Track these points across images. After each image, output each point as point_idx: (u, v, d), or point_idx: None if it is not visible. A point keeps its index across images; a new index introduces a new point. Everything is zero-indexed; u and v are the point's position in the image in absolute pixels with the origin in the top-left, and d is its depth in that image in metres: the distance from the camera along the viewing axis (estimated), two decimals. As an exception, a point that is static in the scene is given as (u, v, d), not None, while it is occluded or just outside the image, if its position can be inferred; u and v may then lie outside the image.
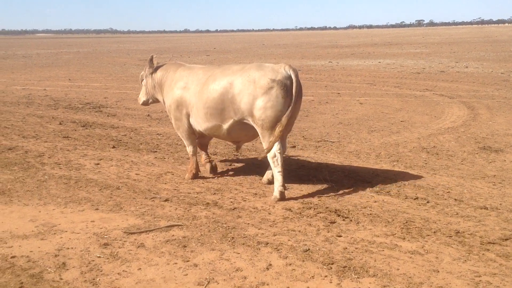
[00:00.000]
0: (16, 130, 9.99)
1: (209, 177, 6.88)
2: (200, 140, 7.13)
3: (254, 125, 6.09)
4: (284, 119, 5.84)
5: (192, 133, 6.81)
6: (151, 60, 7.29)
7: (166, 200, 5.93)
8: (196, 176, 6.89)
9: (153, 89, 7.38)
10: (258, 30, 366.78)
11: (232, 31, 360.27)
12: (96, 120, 11.27)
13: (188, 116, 6.67)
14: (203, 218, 5.33)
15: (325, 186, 6.42)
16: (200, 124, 6.51)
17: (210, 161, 7.15)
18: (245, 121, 6.16)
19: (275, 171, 6.01)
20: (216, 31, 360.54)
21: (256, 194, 6.18)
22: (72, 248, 4.57)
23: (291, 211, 5.54)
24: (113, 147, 8.63)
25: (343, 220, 5.26)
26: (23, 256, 4.39)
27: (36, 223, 5.18)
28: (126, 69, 25.79)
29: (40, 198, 5.97)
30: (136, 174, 7.03)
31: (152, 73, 7.30)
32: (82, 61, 33.09)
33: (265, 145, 6.05)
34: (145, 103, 7.73)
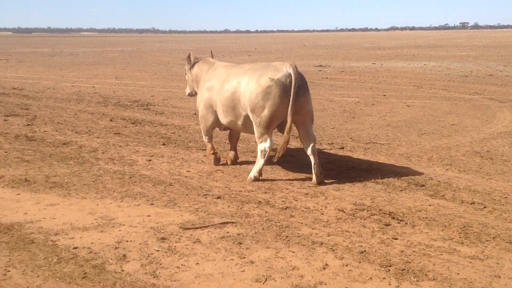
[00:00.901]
0: (69, 126, 10.28)
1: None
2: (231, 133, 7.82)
3: (252, 121, 6.55)
4: (288, 119, 6.25)
5: (212, 128, 7.52)
6: (189, 57, 8.10)
7: (218, 197, 6.00)
8: (217, 157, 7.53)
9: (192, 82, 8.23)
10: (298, 31, 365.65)
11: (272, 31, 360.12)
12: (145, 117, 11.50)
13: (214, 112, 7.29)
14: (256, 216, 5.37)
15: (377, 188, 6.37)
16: (222, 119, 7.14)
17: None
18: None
19: (260, 161, 6.65)
20: (256, 31, 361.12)
21: (307, 194, 6.18)
22: (131, 241, 4.68)
23: (344, 212, 5.52)
24: (163, 144, 8.79)
25: (398, 222, 5.20)
26: (85, 247, 4.51)
27: (95, 215, 5.33)
28: (170, 68, 26.20)
29: (97, 192, 6.13)
30: (187, 171, 7.14)
31: (190, 69, 8.13)
32: (127, 60, 33.78)
33: (259, 140, 6.58)
34: (190, 95, 8.62)
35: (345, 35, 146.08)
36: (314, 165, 6.56)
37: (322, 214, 5.48)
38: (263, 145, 6.56)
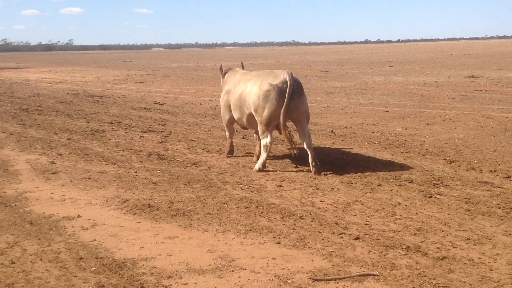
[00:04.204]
0: (202, 144, 9.99)
1: (403, 214, 5.81)
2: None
3: (256, 120, 7.69)
4: (281, 119, 7.36)
5: (231, 124, 8.73)
6: (221, 68, 9.38)
7: (357, 238, 5.03)
8: (231, 153, 8.85)
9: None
10: (443, 39, 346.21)
11: (415, 40, 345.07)
12: (279, 135, 10.81)
13: (230, 112, 8.45)
14: (404, 268, 4.33)
15: None
16: (234, 116, 8.33)
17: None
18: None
19: (263, 154, 7.74)
20: (398, 41, 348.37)
21: (469, 239, 4.97)
22: (250, 293, 3.94)
23: (521, 269, 4.26)
24: (296, 167, 8.03)
25: None
26: (198, 298, 3.86)
27: (214, 254, 4.68)
28: (308, 81, 25.52)
29: (220, 223, 5.51)
30: (321, 201, 6.27)
31: (222, 78, 9.20)
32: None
33: (261, 136, 7.72)
34: None
35: (496, 43, 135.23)
36: (310, 158, 7.61)
37: (491, 270, 4.28)
38: (265, 141, 7.65)
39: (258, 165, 7.80)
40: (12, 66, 52.91)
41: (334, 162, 8.28)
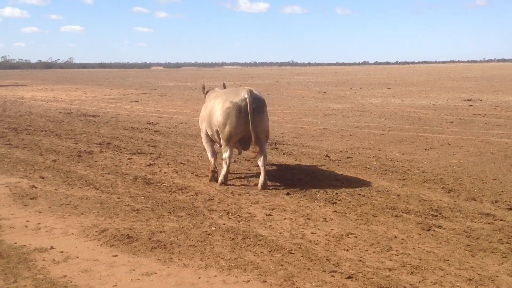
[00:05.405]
0: (191, 167, 9.61)
1: (400, 249, 5.43)
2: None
3: (220, 135, 7.97)
4: (252, 136, 7.62)
5: (210, 141, 8.81)
6: (203, 88, 9.94)
7: (349, 277, 4.65)
8: (214, 176, 8.42)
9: None
10: (441, 62, 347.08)
11: (413, 62, 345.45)
12: (271, 158, 10.45)
13: (205, 128, 8.65)
14: (400, 313, 3.94)
15: None
16: (208, 131, 8.58)
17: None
18: None
19: (224, 167, 8.06)
20: (396, 63, 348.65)
21: (470, 279, 4.59)
22: None
23: (529, 317, 3.87)
24: (287, 194, 7.65)
25: None
26: None
27: (192, 295, 4.29)
28: (305, 102, 25.28)
29: (203, 257, 5.12)
30: (312, 233, 5.88)
31: (205, 97, 9.49)
32: (263, 93, 33.31)
33: (223, 151, 8.03)
34: None
35: (494, 66, 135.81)
36: (261, 175, 7.91)
37: (495, 317, 3.89)
38: (225, 155, 8.00)
39: (220, 177, 8.13)
40: (9, 84, 52.56)
41: (328, 189, 7.90)
